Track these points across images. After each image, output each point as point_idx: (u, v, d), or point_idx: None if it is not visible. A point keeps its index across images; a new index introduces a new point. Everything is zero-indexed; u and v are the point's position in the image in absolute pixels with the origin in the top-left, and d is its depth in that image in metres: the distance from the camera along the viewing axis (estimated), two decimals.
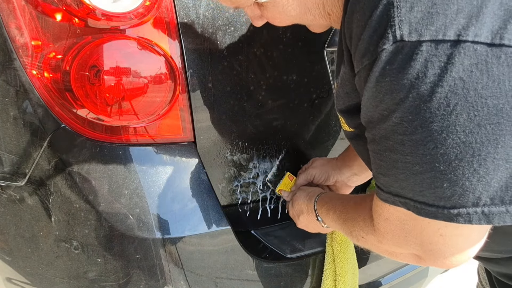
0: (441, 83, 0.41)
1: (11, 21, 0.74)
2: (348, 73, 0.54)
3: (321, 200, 0.85)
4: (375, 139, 0.51)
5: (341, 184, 1.02)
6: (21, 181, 0.84)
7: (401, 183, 0.49)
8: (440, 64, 0.41)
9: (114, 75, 0.76)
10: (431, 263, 0.56)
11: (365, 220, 0.65)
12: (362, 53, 0.47)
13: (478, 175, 0.43)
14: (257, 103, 0.96)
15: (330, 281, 0.99)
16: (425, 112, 0.43)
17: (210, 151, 0.93)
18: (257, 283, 0.94)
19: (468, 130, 0.42)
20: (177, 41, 0.82)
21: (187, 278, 0.86)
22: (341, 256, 0.98)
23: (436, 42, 0.41)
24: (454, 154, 0.43)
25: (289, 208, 0.99)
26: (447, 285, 2.11)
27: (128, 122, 0.82)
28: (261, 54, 0.93)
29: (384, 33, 0.44)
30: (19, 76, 0.77)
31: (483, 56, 0.40)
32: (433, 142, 0.44)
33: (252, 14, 0.69)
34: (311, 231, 0.94)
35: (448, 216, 0.46)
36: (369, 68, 0.46)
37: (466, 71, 0.41)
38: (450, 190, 0.45)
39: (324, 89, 1.05)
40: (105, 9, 0.73)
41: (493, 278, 0.78)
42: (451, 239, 0.51)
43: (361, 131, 0.62)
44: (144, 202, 0.82)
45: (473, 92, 0.41)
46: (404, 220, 0.54)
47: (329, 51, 1.02)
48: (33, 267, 0.90)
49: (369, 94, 0.48)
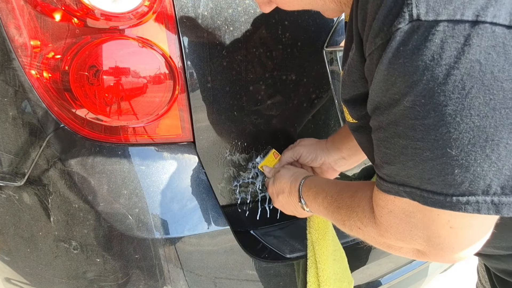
0: (457, 65, 0.40)
1: (10, 21, 0.74)
2: (357, 59, 0.53)
3: (309, 182, 0.82)
4: (382, 126, 0.49)
5: (327, 167, 0.99)
6: (20, 181, 0.84)
7: (408, 171, 0.48)
8: (456, 45, 0.40)
9: (113, 75, 0.76)
10: (435, 258, 0.54)
11: (364, 211, 0.62)
12: (375, 33, 0.46)
13: (490, 161, 0.43)
14: (256, 103, 0.96)
15: (314, 270, 0.96)
16: (439, 95, 0.42)
17: (209, 151, 0.93)
18: (256, 283, 0.94)
19: (483, 114, 0.41)
20: (176, 41, 0.82)
21: (186, 278, 0.86)
22: (320, 243, 0.95)
23: (454, 22, 0.40)
24: (467, 139, 0.42)
25: (269, 185, 0.95)
26: (446, 284, 2.11)
27: (127, 122, 0.82)
28: (261, 54, 0.93)
29: (400, 12, 0.42)
30: (18, 76, 0.77)
31: (501, 39, 0.39)
32: (446, 126, 0.42)
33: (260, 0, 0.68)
34: (287, 212, 0.91)
35: (456, 205, 0.45)
36: (382, 48, 0.45)
37: (483, 53, 0.40)
38: (460, 176, 0.44)
39: (323, 89, 1.05)
40: (104, 9, 0.73)
41: (492, 275, 0.78)
42: (460, 232, 0.49)
43: (364, 123, 0.61)
44: (143, 202, 0.82)
45: (490, 75, 0.40)
46: (411, 212, 0.52)
47: (328, 51, 1.02)
48: (32, 267, 0.90)
49: (380, 77, 0.47)
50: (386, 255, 1.16)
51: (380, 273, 1.21)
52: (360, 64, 0.53)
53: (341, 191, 0.71)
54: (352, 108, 0.62)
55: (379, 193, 0.55)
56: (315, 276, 0.97)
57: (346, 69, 0.58)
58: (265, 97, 0.96)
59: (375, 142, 0.53)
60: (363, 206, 0.63)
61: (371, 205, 0.60)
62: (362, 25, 0.50)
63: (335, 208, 0.70)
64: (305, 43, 0.98)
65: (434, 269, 1.41)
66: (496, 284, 0.76)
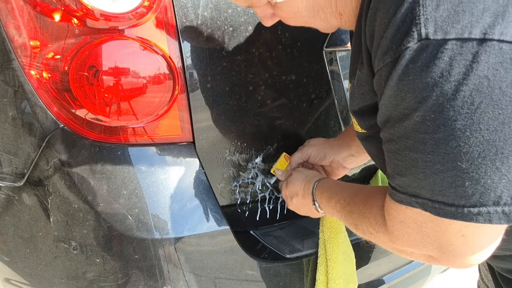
0: (466, 81, 0.41)
1: (10, 21, 0.74)
2: (366, 73, 0.54)
3: (322, 186, 0.84)
4: (393, 138, 0.50)
5: (336, 165, 1.00)
6: (19, 182, 0.84)
7: (420, 182, 0.49)
8: (465, 62, 0.41)
9: (112, 75, 0.76)
10: (447, 263, 0.55)
11: (375, 217, 0.63)
12: (384, 51, 0.47)
13: (500, 173, 0.43)
14: (256, 103, 0.96)
15: (323, 268, 0.97)
16: (449, 110, 0.43)
17: (209, 151, 0.93)
18: (256, 283, 0.94)
19: (492, 128, 0.42)
20: (176, 41, 0.82)
21: (186, 278, 0.86)
22: (331, 241, 0.96)
23: (462, 41, 0.41)
24: (477, 152, 0.43)
25: (282, 189, 0.97)
26: (447, 282, 2.11)
27: (127, 122, 0.82)
28: (260, 54, 0.93)
29: (408, 31, 0.44)
30: (17, 76, 0.77)
31: (508, 55, 0.40)
32: (456, 140, 0.43)
33: (262, 14, 0.69)
34: (301, 213, 0.93)
35: (468, 216, 0.46)
36: (391, 66, 0.46)
37: (491, 70, 0.41)
38: (471, 188, 0.45)
39: (323, 89, 1.05)
40: (103, 9, 0.73)
41: (496, 274, 0.78)
42: (472, 239, 0.50)
43: (373, 133, 0.62)
44: (143, 203, 0.82)
45: (498, 91, 0.41)
46: (422, 222, 0.53)
47: (328, 51, 1.02)
48: (31, 268, 0.90)
49: (390, 93, 0.48)
50: (386, 255, 1.16)
51: (382, 272, 1.21)
52: (370, 78, 0.54)
53: (353, 196, 0.73)
54: (361, 118, 0.63)
55: (391, 202, 0.56)
56: (324, 274, 0.98)
57: (355, 82, 0.60)
58: (265, 97, 0.96)
59: (386, 153, 0.54)
60: (374, 213, 0.64)
61: (382, 213, 0.61)
62: (370, 41, 0.51)
63: (348, 213, 0.72)
64: (305, 43, 0.98)
65: (437, 267, 1.41)
66: (502, 283, 0.76)
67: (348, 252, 1.01)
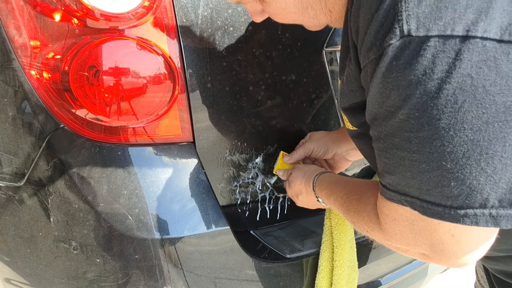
0: (449, 79, 0.41)
1: (10, 21, 0.74)
2: (354, 69, 0.54)
3: (320, 183, 0.84)
4: (381, 136, 0.50)
5: (339, 158, 1.00)
6: (20, 182, 0.84)
7: (407, 181, 0.49)
8: (448, 60, 0.40)
9: (113, 75, 0.76)
10: (440, 262, 0.55)
11: (370, 216, 0.63)
12: (368, 47, 0.47)
13: (486, 174, 0.43)
14: (256, 103, 0.96)
15: (328, 254, 0.97)
16: (432, 109, 0.42)
17: (209, 151, 0.93)
18: (256, 283, 0.94)
19: (476, 128, 0.41)
20: (176, 41, 0.82)
21: (186, 278, 0.86)
22: (339, 228, 0.96)
23: (444, 38, 0.40)
24: (462, 152, 0.43)
25: (286, 188, 0.97)
26: (445, 284, 2.11)
27: (127, 122, 0.82)
28: (260, 54, 0.93)
29: (391, 28, 0.43)
30: (17, 76, 0.77)
31: (492, 53, 0.40)
32: (440, 139, 0.43)
33: (252, 9, 0.69)
34: (312, 208, 0.93)
35: (454, 217, 0.46)
36: (375, 63, 0.46)
37: (474, 68, 0.40)
38: (457, 189, 0.44)
39: (323, 89, 1.05)
40: (103, 9, 0.73)
41: (491, 276, 0.78)
42: (462, 240, 0.50)
43: (364, 130, 0.62)
44: (143, 203, 0.82)
45: (481, 89, 0.40)
46: (414, 220, 0.53)
47: (328, 51, 1.02)
48: (32, 268, 0.90)
49: (375, 90, 0.47)
50: (386, 255, 1.16)
51: (380, 273, 1.21)
52: (357, 74, 0.53)
53: (348, 194, 0.73)
54: (351, 116, 0.62)
55: (383, 200, 0.56)
56: (328, 260, 0.97)
57: (344, 78, 0.59)
58: (265, 97, 0.96)
59: (375, 151, 0.54)
60: (368, 211, 0.64)
61: (376, 212, 0.61)
62: (355, 36, 0.51)
63: (345, 210, 0.72)
64: (305, 43, 0.98)
65: (434, 269, 1.42)
66: (495, 285, 0.76)
67: (352, 241, 1.00)
